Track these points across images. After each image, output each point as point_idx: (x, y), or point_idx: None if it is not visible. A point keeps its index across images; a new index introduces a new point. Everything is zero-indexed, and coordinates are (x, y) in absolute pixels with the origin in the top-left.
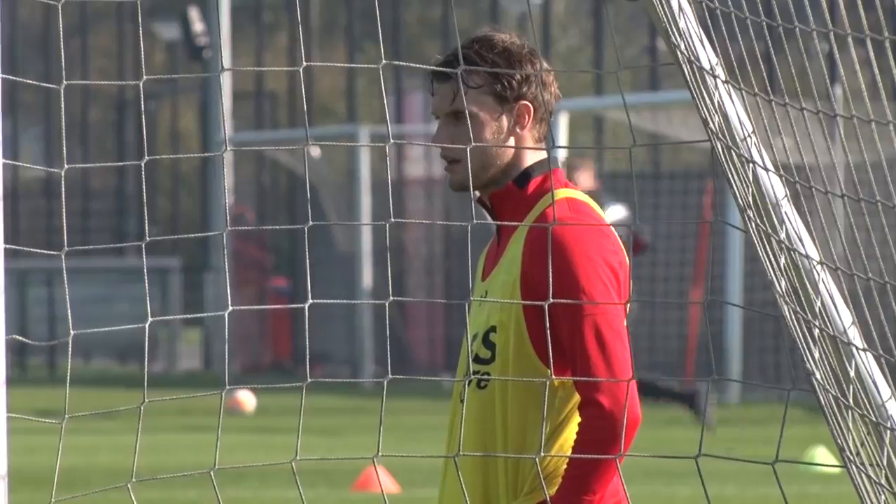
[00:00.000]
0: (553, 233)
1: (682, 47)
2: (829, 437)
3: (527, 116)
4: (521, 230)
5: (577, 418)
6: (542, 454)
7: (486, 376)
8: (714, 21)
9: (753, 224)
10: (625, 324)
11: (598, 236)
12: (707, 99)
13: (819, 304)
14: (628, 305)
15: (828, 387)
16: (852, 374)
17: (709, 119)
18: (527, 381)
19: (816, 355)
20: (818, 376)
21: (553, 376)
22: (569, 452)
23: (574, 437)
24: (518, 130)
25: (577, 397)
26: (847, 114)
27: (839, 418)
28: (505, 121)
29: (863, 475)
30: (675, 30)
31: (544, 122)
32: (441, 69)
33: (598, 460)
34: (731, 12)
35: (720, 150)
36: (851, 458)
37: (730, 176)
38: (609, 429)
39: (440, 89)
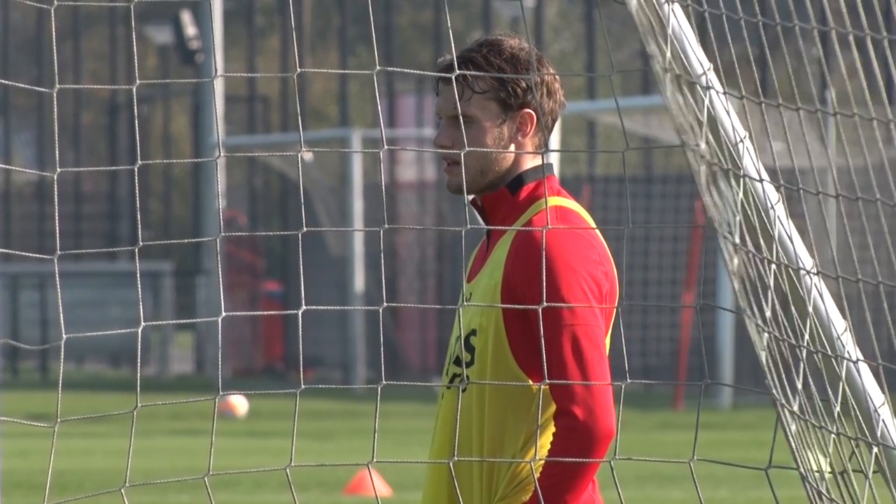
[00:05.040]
0: (537, 241)
1: (661, 58)
2: (791, 450)
3: (529, 125)
4: (508, 236)
5: (552, 427)
6: (538, 458)
7: (466, 379)
8: (706, 24)
9: (738, 249)
10: (607, 335)
11: (582, 246)
12: (684, 110)
13: (811, 308)
14: (614, 316)
15: (800, 415)
16: (842, 386)
17: (687, 132)
18: (504, 386)
19: (800, 381)
20: (788, 407)
21: (532, 383)
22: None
23: (548, 444)
24: (519, 138)
25: (554, 405)
26: (840, 118)
27: (803, 444)
28: (507, 127)
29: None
30: (658, 35)
31: (547, 129)
32: (442, 75)
33: (571, 471)
34: (723, 16)
35: (698, 165)
36: (814, 484)
37: (710, 197)
38: (582, 440)
39: (445, 90)
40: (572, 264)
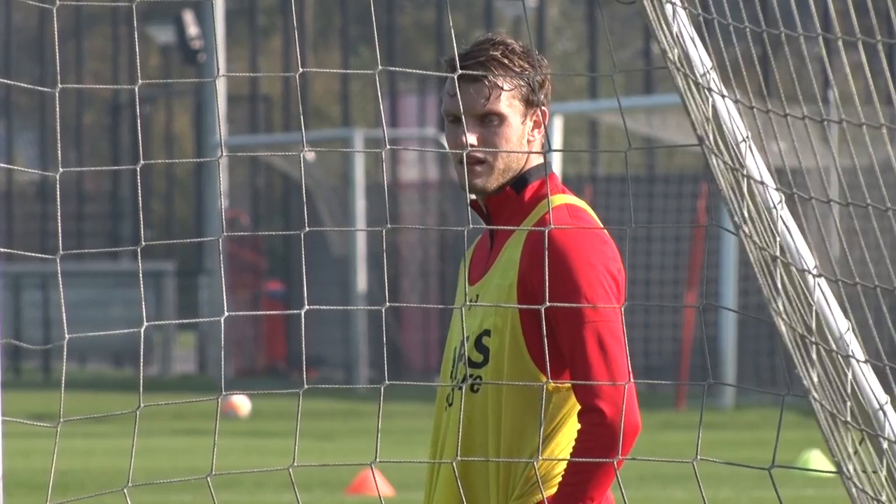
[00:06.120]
0: (553, 239)
1: (672, 54)
2: (824, 440)
3: (544, 122)
4: (518, 235)
5: (571, 423)
6: (542, 458)
7: (478, 380)
8: (709, 25)
9: (746, 236)
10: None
11: (598, 243)
12: (696, 108)
13: (814, 311)
14: (622, 310)
15: (824, 402)
16: (849, 384)
17: (702, 131)
18: (522, 385)
19: (814, 371)
20: (815, 394)
21: (549, 381)
22: (561, 457)
23: (566, 441)
24: (536, 135)
25: (571, 403)
26: (841, 118)
27: (836, 433)
28: (527, 125)
29: (861, 493)
30: (666, 35)
31: (545, 128)
32: (474, 73)
33: (596, 468)
34: (726, 17)
35: (714, 162)
36: (848, 474)
37: (723, 187)
38: (609, 436)
39: (470, 89)
40: (591, 261)
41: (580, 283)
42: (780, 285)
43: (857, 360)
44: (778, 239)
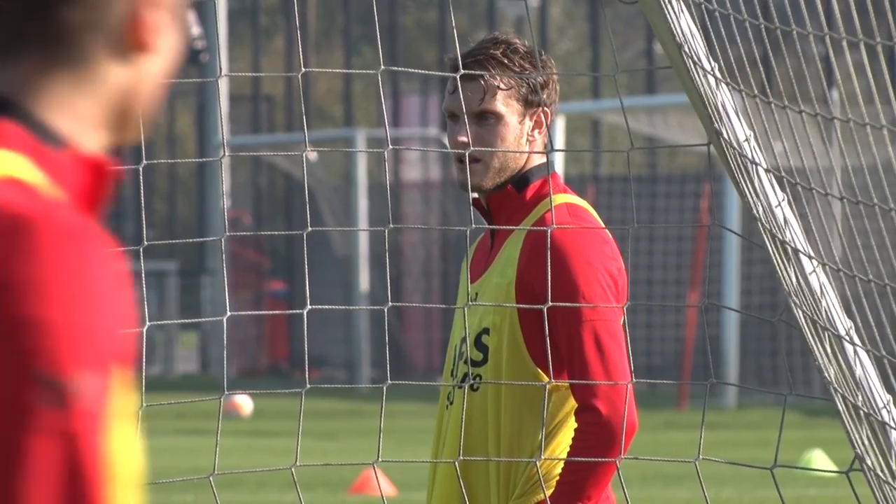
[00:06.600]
0: (552, 238)
1: (687, 48)
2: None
3: (545, 122)
4: (518, 233)
5: (571, 423)
6: (542, 458)
7: (478, 378)
8: (712, 25)
9: (763, 225)
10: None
11: (597, 242)
12: (711, 99)
13: (824, 304)
14: (624, 310)
15: (839, 388)
16: (858, 374)
17: (714, 119)
18: (521, 384)
19: (828, 355)
20: (832, 377)
21: (549, 380)
22: (562, 456)
23: (567, 441)
24: (536, 135)
25: (572, 402)
26: (844, 118)
27: (852, 418)
28: (526, 124)
29: (872, 475)
30: (678, 30)
31: (548, 128)
32: (473, 72)
33: (594, 466)
34: (729, 14)
35: (729, 154)
36: (862, 456)
37: (737, 178)
38: (606, 435)
39: (467, 88)
40: (590, 260)
41: (578, 282)
42: (799, 280)
43: (859, 347)
44: (788, 231)
